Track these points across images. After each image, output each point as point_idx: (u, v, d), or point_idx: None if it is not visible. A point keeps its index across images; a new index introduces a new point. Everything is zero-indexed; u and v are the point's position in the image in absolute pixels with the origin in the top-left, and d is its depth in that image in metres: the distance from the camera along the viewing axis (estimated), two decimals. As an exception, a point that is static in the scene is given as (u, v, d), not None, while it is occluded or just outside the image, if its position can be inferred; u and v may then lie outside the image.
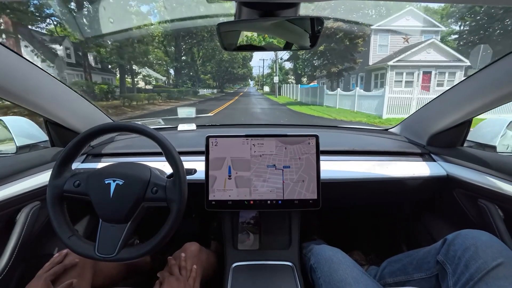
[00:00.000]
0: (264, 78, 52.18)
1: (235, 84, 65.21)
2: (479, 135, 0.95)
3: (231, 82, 52.96)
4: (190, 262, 0.70)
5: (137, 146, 1.00)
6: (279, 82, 26.06)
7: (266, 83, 29.57)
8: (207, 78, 39.45)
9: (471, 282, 0.50)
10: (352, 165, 0.90)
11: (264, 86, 53.35)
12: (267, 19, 0.57)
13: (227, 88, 53.57)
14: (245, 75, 45.90)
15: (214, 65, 35.87)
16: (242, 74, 43.64)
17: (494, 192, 0.71)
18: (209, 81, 40.23)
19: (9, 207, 0.69)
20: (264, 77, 44.94)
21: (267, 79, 28.59)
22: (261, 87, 64.10)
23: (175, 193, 0.57)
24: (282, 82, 27.12)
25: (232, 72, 39.90)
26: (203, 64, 31.99)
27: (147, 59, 18.81)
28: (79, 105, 0.91)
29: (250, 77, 54.99)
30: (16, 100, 0.70)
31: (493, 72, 0.66)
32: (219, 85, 41.98)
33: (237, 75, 42.47)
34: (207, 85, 40.42)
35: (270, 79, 28.24)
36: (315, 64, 18.78)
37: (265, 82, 38.56)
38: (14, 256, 0.67)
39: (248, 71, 46.85)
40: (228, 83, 52.76)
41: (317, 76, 20.19)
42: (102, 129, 0.60)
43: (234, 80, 48.33)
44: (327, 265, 0.68)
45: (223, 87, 43.82)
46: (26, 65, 0.67)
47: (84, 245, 0.56)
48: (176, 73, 28.26)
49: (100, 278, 0.69)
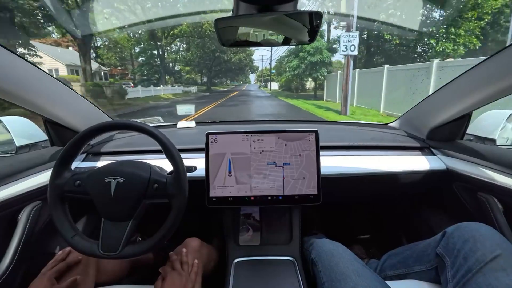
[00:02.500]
0: (274, 69, 35.83)
1: (231, 80, 49.66)
2: (478, 129, 0.95)
3: (226, 76, 39.47)
4: (192, 257, 0.71)
5: (137, 144, 1.00)
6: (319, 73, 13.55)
7: (285, 74, 17.46)
8: (187, 70, 29.31)
9: (469, 273, 0.51)
10: (352, 160, 0.90)
11: (272, 82, 41.60)
12: (265, 14, 0.56)
13: (218, 86, 40.25)
14: (243, 64, 31.98)
15: (195, 49, 25.07)
16: (238, 63, 30.49)
17: (494, 185, 0.72)
18: (191, 75, 30.57)
19: (10, 207, 0.69)
20: (281, 67, 25.66)
21: (286, 67, 16.44)
22: (265, 83, 51.44)
23: (176, 190, 0.58)
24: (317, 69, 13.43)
25: (222, 59, 27.19)
26: (178, 48, 23.33)
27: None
28: (78, 104, 0.91)
29: (251, 68, 40.66)
30: (14, 100, 0.70)
31: (492, 66, 0.66)
32: (207, 80, 30.68)
33: (231, 65, 30.00)
34: (188, 81, 30.40)
35: (286, 69, 16.99)
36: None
37: (284, 72, 20.74)
38: (17, 255, 0.67)
39: (247, 57, 32.64)
40: (220, 77, 39.03)
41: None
42: (101, 127, 0.60)
43: (226, 73, 35.50)
44: (328, 259, 0.69)
45: (211, 84, 31.84)
46: (24, 65, 0.67)
47: (87, 244, 0.56)
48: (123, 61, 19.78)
49: (103, 274, 0.70)
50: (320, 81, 15.29)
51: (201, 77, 32.65)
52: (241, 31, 0.65)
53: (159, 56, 23.12)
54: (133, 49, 23.22)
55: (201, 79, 30.47)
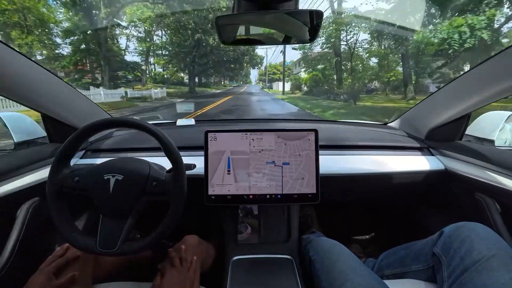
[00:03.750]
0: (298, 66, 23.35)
1: (230, 80, 37.54)
2: (477, 129, 0.96)
3: (217, 72, 26.82)
4: (190, 254, 0.71)
5: (136, 141, 1.00)
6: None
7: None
8: (163, 63, 20.72)
9: (465, 273, 0.51)
10: (350, 160, 0.90)
11: (277, 82, 31.47)
12: (266, 12, 0.56)
13: (210, 87, 28.25)
14: (238, 54, 20.80)
15: (172, 29, 15.95)
16: (232, 53, 20.04)
17: (492, 186, 0.72)
18: (169, 73, 21.78)
19: (9, 203, 0.69)
20: (304, 61, 17.67)
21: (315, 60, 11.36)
22: (269, 83, 39.99)
23: (175, 187, 0.58)
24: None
25: (208, 47, 17.45)
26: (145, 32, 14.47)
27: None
28: (77, 100, 0.91)
29: (251, 60, 26.76)
30: (13, 96, 0.69)
31: (491, 67, 0.66)
32: (189, 79, 20.04)
33: (222, 56, 19.52)
34: (172, 81, 21.59)
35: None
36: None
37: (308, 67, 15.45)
38: (16, 251, 0.67)
39: (247, 52, 22.44)
40: (209, 75, 27.36)
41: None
42: (100, 124, 0.60)
43: (216, 68, 23.21)
44: (325, 257, 0.70)
45: (195, 83, 20.80)
46: (23, 60, 0.67)
47: (85, 240, 0.56)
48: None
49: (101, 271, 0.70)
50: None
51: (175, 72, 21.69)
52: (241, 29, 0.64)
53: (96, 39, 13.00)
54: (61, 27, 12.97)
55: (190, 77, 20.17)
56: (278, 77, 38.91)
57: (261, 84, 48.58)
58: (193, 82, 20.90)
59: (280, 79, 33.40)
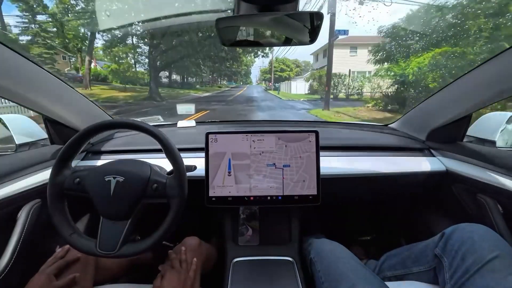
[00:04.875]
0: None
1: (228, 81, 29.40)
2: (478, 130, 0.95)
3: (196, 67, 18.15)
4: (190, 256, 0.71)
5: (137, 143, 1.00)
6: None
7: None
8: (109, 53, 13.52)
9: (466, 275, 0.51)
10: (351, 161, 0.90)
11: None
12: (266, 14, 0.56)
13: (191, 88, 19.48)
14: (234, 54, 15.41)
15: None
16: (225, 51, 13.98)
17: (494, 187, 0.72)
18: (124, 67, 14.52)
19: (10, 205, 0.69)
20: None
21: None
22: (275, 83, 27.54)
23: (175, 189, 0.58)
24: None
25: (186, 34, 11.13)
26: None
27: None
28: (78, 102, 0.91)
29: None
30: (14, 98, 0.70)
31: (492, 67, 0.66)
32: (151, 78, 13.56)
33: (196, 39, 12.01)
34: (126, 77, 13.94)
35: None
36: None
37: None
38: (17, 253, 0.67)
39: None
40: (195, 73, 19.39)
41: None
42: (101, 126, 0.60)
43: (206, 62, 16.97)
44: (326, 259, 0.69)
45: (157, 83, 13.86)
46: (24, 63, 0.67)
47: (85, 242, 0.56)
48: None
49: (102, 272, 0.70)
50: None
51: (151, 68, 13.97)
52: (242, 31, 0.65)
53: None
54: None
55: (152, 74, 13.26)
56: (288, 75, 28.48)
57: (264, 84, 37.40)
58: (155, 82, 13.47)
59: (290, 77, 25.37)
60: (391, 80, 8.80)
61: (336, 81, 14.41)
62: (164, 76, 15.89)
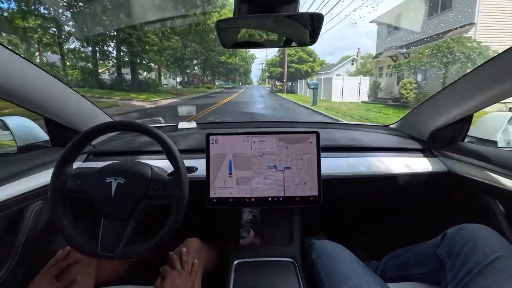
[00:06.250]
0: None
1: (226, 80, 24.94)
2: (480, 130, 0.95)
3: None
4: (192, 257, 0.71)
5: (138, 144, 1.00)
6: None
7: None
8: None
9: (469, 275, 0.50)
10: (352, 162, 0.90)
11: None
12: (267, 15, 0.56)
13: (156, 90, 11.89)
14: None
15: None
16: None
17: (495, 188, 0.71)
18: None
19: (12, 206, 0.69)
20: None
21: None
22: (281, 82, 19.82)
23: (176, 191, 0.58)
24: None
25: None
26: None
27: None
28: (79, 104, 0.91)
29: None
30: (16, 100, 0.70)
31: (493, 68, 0.65)
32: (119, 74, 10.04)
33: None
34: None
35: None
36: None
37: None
38: (18, 254, 0.67)
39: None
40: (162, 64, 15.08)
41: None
42: (102, 127, 0.60)
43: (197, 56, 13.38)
44: (328, 260, 0.69)
45: (123, 80, 10.95)
46: (25, 65, 0.67)
47: (87, 244, 0.56)
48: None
49: (103, 274, 0.70)
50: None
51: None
52: (242, 32, 0.65)
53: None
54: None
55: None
56: (311, 67, 18.45)
57: (269, 84, 28.76)
58: (120, 78, 9.83)
59: (313, 72, 16.79)
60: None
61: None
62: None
